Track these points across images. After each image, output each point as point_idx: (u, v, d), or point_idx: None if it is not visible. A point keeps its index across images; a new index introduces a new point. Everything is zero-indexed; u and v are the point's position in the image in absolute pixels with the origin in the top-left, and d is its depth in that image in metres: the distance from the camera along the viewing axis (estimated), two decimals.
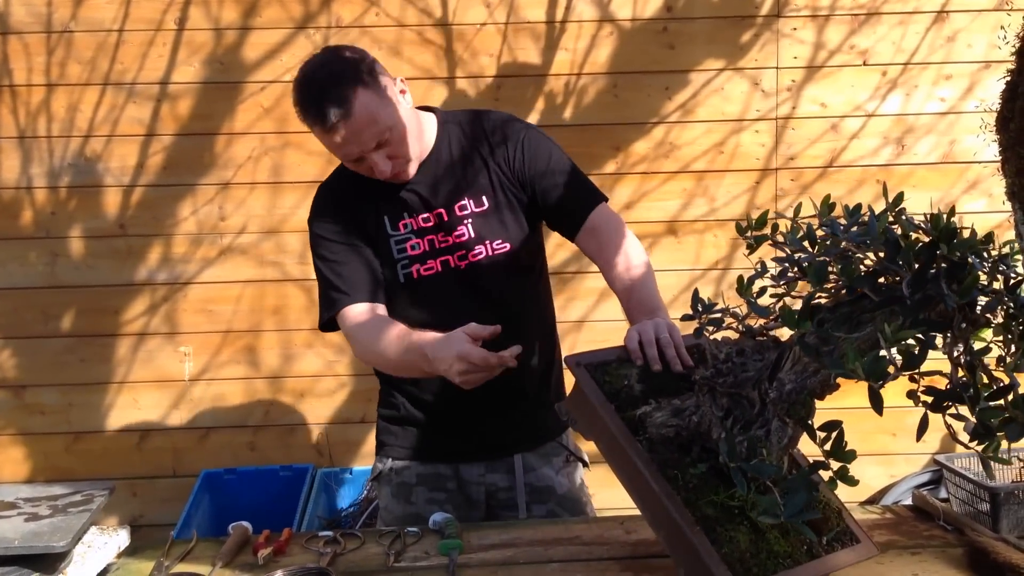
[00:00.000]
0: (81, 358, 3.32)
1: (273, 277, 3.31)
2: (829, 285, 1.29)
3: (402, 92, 1.87)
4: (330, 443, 3.40)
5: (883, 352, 1.14)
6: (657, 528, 1.46)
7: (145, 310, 3.32)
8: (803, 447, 1.51)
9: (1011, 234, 1.21)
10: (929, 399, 1.17)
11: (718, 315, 1.47)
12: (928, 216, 1.23)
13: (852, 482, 1.29)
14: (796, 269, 1.36)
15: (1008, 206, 1.16)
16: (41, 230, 3.26)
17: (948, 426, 1.18)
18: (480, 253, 1.94)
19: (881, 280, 1.26)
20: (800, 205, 1.51)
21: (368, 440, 3.40)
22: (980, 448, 1.14)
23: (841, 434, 1.30)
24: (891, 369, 1.15)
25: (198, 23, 3.19)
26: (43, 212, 3.26)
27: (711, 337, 1.47)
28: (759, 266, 1.44)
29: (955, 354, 1.20)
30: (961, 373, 1.20)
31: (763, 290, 1.43)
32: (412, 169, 1.90)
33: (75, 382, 3.33)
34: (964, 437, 1.15)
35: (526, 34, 3.24)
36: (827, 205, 1.43)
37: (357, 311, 1.90)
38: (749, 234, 1.48)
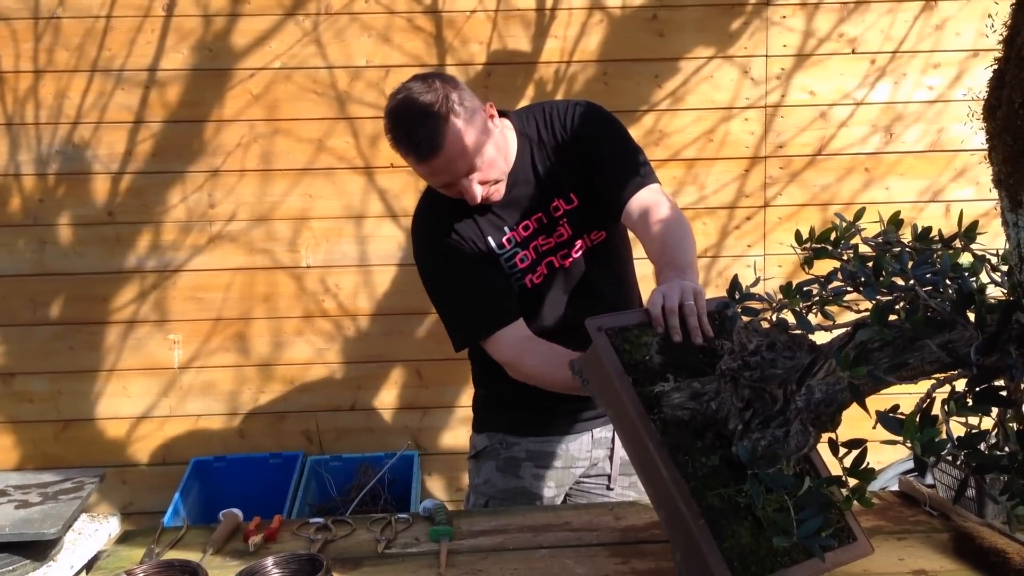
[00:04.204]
0: (70, 346, 3.32)
1: (263, 264, 3.31)
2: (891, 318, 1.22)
3: (491, 117, 1.88)
4: (320, 430, 3.41)
5: (940, 423, 1.10)
6: (659, 507, 1.46)
7: (134, 298, 3.31)
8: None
9: (998, 222, 1.22)
10: (974, 463, 1.13)
11: (754, 304, 1.42)
12: (1002, 257, 1.15)
13: (869, 503, 1.29)
14: (847, 280, 1.30)
15: (995, 194, 1.16)
16: (29, 217, 3.25)
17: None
18: (580, 248, 1.97)
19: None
20: (863, 210, 1.44)
21: (357, 427, 3.41)
22: (1011, 507, 1.13)
23: (864, 453, 1.27)
24: (948, 446, 1.11)
25: (186, 9, 3.17)
26: (31, 199, 3.24)
27: (741, 326, 1.42)
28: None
29: (1008, 423, 1.15)
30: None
31: (801, 288, 1.36)
32: (503, 188, 1.91)
33: (64, 370, 3.32)
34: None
35: (516, 21, 3.23)
36: (895, 222, 1.38)
37: (512, 334, 1.90)
38: (809, 246, 1.42)
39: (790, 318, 1.37)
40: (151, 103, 3.22)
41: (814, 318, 1.37)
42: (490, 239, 1.94)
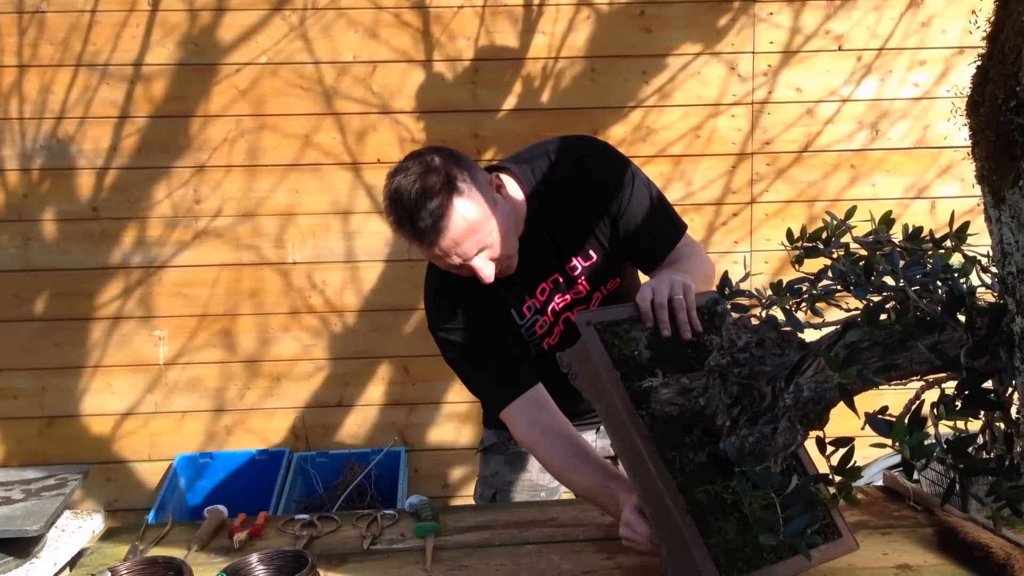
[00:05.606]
0: (54, 342, 3.30)
1: (249, 260, 3.30)
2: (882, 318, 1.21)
3: (497, 187, 1.76)
4: (306, 427, 3.40)
5: (929, 428, 1.10)
6: (646, 502, 1.46)
7: (119, 294, 3.29)
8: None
9: (983, 219, 1.22)
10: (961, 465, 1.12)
11: (744, 301, 1.41)
12: (994, 266, 1.14)
13: (855, 501, 1.29)
14: (838, 279, 1.29)
15: (979, 190, 1.17)
16: (13, 213, 3.23)
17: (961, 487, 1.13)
18: (597, 300, 1.91)
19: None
20: (855, 208, 1.43)
21: (344, 423, 3.41)
22: (996, 508, 1.13)
23: (851, 451, 1.27)
24: (937, 449, 1.10)
25: (172, 3, 3.15)
26: (15, 195, 3.22)
27: (731, 322, 1.41)
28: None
29: (996, 425, 1.15)
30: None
31: (792, 286, 1.35)
32: (515, 263, 1.79)
33: (48, 366, 3.31)
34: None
35: (504, 17, 3.23)
36: (886, 222, 1.37)
37: (521, 416, 1.80)
38: (800, 244, 1.41)
39: (780, 315, 1.37)
40: (136, 98, 3.20)
41: (803, 315, 1.36)
42: (512, 311, 1.87)
